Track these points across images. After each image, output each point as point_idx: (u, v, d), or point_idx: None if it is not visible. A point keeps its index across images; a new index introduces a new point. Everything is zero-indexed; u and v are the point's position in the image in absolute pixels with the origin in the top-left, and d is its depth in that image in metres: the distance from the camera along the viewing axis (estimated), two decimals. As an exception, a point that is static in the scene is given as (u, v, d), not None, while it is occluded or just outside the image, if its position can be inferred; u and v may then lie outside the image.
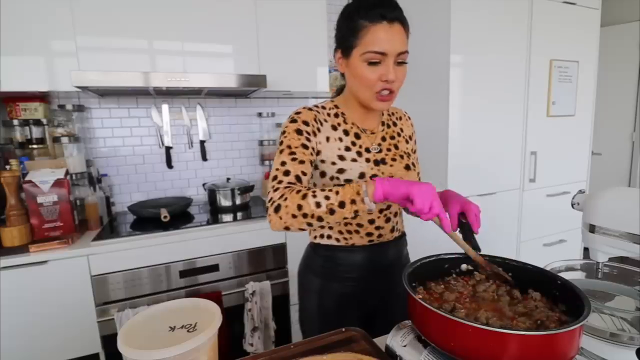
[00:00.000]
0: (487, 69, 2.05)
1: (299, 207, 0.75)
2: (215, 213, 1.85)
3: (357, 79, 0.87)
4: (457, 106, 1.99)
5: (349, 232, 0.95)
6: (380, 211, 0.95)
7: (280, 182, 0.82)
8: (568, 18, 2.26)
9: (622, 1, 3.20)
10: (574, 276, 0.85)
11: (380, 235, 0.96)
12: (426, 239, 1.61)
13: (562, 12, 2.23)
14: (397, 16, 0.84)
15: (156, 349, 0.53)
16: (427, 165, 2.14)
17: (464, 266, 0.79)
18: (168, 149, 1.99)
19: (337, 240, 0.96)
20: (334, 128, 0.93)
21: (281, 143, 0.87)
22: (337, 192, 0.75)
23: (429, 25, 2.04)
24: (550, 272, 0.70)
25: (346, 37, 0.86)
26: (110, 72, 1.49)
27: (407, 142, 1.03)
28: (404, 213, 1.08)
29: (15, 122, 1.65)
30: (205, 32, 1.71)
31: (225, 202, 1.88)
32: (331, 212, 0.75)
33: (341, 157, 0.91)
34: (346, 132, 0.94)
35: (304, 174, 0.84)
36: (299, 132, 0.87)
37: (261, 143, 2.19)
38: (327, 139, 0.92)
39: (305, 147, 0.87)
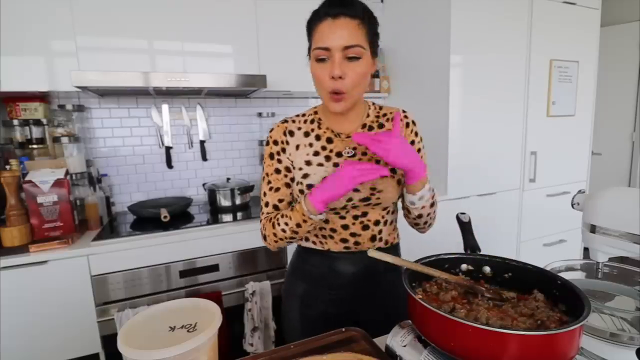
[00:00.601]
0: (487, 69, 2.05)
1: (274, 234, 0.91)
2: (215, 213, 1.85)
3: (313, 80, 0.87)
4: (457, 106, 1.99)
5: (324, 236, 0.95)
6: (356, 217, 0.92)
7: (262, 213, 0.96)
8: (568, 18, 2.26)
9: (622, 1, 3.20)
10: (574, 276, 0.85)
11: (357, 243, 0.94)
12: (427, 239, 1.61)
13: (562, 12, 2.24)
14: (341, 11, 0.80)
15: (156, 349, 0.53)
16: (428, 165, 2.14)
17: (464, 266, 0.79)
18: (168, 149, 1.99)
19: (314, 243, 0.97)
20: (307, 134, 0.94)
21: (263, 169, 0.96)
22: (290, 218, 0.87)
23: (429, 25, 2.04)
24: (550, 272, 0.70)
25: (308, 41, 0.88)
26: (110, 72, 1.49)
27: None
28: (402, 222, 1.04)
29: (15, 122, 1.65)
30: (205, 32, 1.71)
31: (225, 202, 1.88)
32: (295, 232, 0.88)
33: (308, 162, 0.91)
34: (318, 137, 0.93)
35: (281, 200, 0.95)
36: (271, 156, 0.95)
37: (261, 143, 2.19)
38: (297, 147, 0.93)
39: (278, 171, 0.94)
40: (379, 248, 0.96)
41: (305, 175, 0.91)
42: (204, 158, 2.09)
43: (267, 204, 0.95)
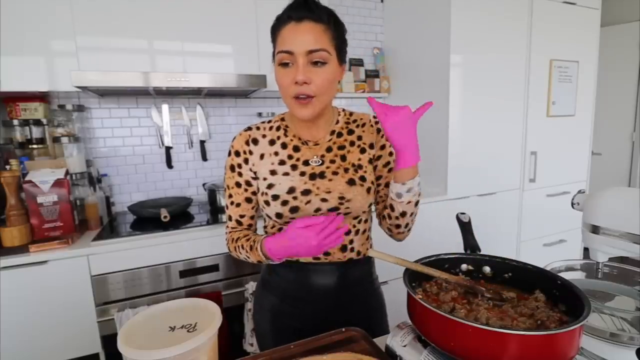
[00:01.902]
0: (487, 69, 2.05)
1: (237, 256, 0.91)
2: (215, 213, 1.84)
3: (277, 86, 0.84)
4: (457, 106, 1.99)
5: None
6: None
7: (227, 226, 0.96)
8: (568, 18, 2.26)
9: (622, 1, 3.20)
10: (574, 276, 0.85)
11: (327, 254, 0.90)
12: (428, 239, 1.61)
13: (562, 12, 2.24)
14: (305, 15, 0.77)
15: (156, 349, 0.53)
16: (428, 165, 2.15)
17: (464, 266, 0.79)
18: (168, 149, 1.99)
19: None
20: (272, 142, 0.90)
21: (224, 180, 0.94)
22: (249, 254, 0.87)
23: (428, 25, 2.04)
24: (550, 272, 0.70)
25: (273, 47, 0.85)
26: (110, 72, 1.48)
27: (363, 151, 0.92)
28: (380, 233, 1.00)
29: (15, 122, 1.65)
30: (205, 32, 1.71)
31: (225, 202, 1.87)
32: (259, 262, 0.88)
33: (273, 172, 0.88)
34: (284, 145, 0.90)
35: (242, 216, 0.94)
36: (232, 168, 0.92)
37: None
38: (262, 156, 0.90)
39: (238, 185, 0.92)
40: (352, 260, 0.93)
41: (270, 186, 0.87)
42: (204, 158, 2.08)
43: (230, 218, 0.94)
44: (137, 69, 1.60)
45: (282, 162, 0.89)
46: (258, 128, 0.93)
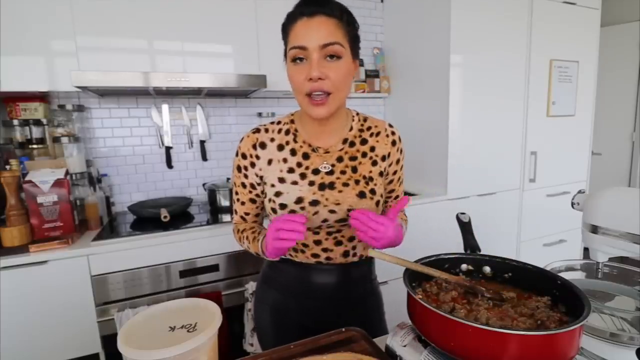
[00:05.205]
0: (487, 69, 2.05)
1: (241, 245, 0.95)
2: (215, 213, 1.84)
3: (290, 84, 0.81)
4: (457, 106, 1.99)
5: (295, 250, 0.91)
6: (329, 233, 0.89)
7: (233, 217, 0.99)
8: (568, 18, 2.26)
9: (622, 1, 3.20)
10: (574, 276, 0.85)
11: (329, 258, 0.90)
12: (428, 239, 1.61)
13: (562, 12, 2.24)
14: (317, 9, 0.76)
15: (156, 349, 0.53)
16: (427, 165, 2.15)
17: (464, 266, 0.79)
18: (168, 149, 1.99)
19: (284, 254, 0.93)
20: (281, 147, 0.88)
21: (233, 176, 0.96)
22: (250, 246, 0.90)
23: (429, 25, 2.04)
24: (550, 272, 0.70)
25: (284, 45, 0.83)
26: (110, 72, 1.48)
27: (374, 163, 0.90)
28: None
29: (15, 122, 1.65)
30: (205, 32, 1.71)
31: (225, 202, 1.88)
32: (257, 255, 0.90)
33: (281, 180, 0.86)
34: (293, 152, 0.87)
35: (247, 214, 0.96)
36: (238, 169, 0.92)
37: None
38: (270, 161, 0.88)
39: (244, 185, 0.92)
40: (353, 262, 0.93)
41: (278, 194, 0.86)
42: (204, 158, 2.09)
43: (235, 212, 0.97)
44: (137, 69, 1.60)
45: (290, 170, 0.86)
46: (267, 130, 0.90)
